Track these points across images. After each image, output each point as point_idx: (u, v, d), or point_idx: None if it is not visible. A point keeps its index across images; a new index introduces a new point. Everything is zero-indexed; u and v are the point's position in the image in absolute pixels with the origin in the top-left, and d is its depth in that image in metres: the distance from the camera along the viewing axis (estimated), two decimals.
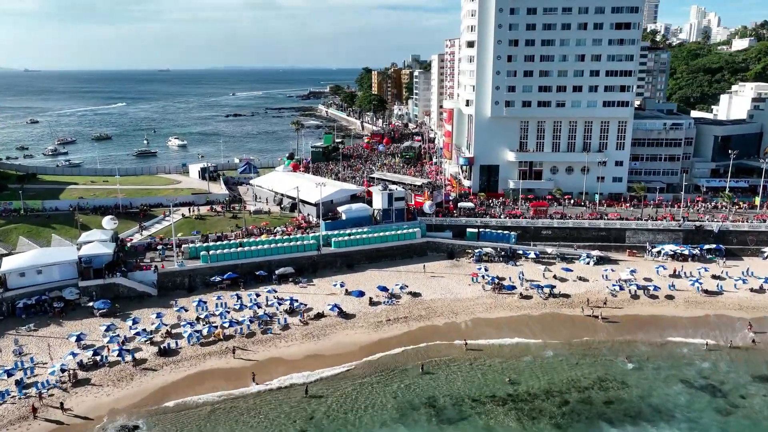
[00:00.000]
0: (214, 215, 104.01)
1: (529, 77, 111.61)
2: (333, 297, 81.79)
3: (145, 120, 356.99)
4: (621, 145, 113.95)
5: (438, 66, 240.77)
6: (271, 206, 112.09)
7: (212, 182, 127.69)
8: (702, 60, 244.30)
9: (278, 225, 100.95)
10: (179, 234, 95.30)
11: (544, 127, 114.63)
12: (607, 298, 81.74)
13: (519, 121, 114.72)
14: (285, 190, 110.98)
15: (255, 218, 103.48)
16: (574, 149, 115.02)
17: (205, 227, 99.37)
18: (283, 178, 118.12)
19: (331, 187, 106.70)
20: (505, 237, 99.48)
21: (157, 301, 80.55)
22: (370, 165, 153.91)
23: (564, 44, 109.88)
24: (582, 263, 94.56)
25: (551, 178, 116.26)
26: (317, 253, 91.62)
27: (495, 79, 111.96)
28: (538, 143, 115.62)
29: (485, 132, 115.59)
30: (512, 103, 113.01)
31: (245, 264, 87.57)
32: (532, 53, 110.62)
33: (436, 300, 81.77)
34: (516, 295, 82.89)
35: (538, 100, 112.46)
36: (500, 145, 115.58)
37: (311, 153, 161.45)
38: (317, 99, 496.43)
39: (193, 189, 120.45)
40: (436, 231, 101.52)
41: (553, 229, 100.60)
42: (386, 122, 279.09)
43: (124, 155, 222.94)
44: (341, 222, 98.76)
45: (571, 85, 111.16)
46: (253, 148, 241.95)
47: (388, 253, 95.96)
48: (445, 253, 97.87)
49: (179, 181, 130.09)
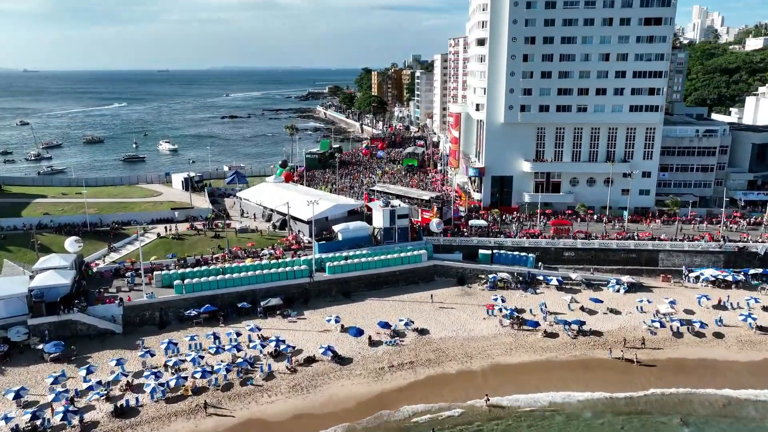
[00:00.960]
0: (194, 234, 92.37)
1: (547, 79, 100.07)
2: (327, 335, 70.28)
3: (137, 122, 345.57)
4: (649, 154, 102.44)
5: (441, 66, 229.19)
6: (260, 222, 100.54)
7: (196, 194, 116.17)
8: (718, 60, 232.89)
9: (266, 245, 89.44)
10: (152, 257, 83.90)
11: (564, 134, 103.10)
12: (645, 336, 70.18)
13: (535, 128, 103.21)
14: (275, 204, 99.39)
15: (240, 238, 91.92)
16: (596, 159, 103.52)
17: (183, 249, 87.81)
18: (274, 190, 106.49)
19: (325, 202, 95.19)
20: (522, 260, 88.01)
21: (122, 341, 69.05)
22: (370, 174, 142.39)
23: (586, 42, 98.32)
24: (611, 291, 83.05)
25: (571, 190, 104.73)
26: (309, 281, 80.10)
27: (509, 80, 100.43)
28: (556, 152, 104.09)
29: (497, 139, 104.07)
30: (528, 108, 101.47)
31: (226, 294, 76.09)
32: (550, 52, 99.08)
33: (446, 339, 70.22)
34: (539, 332, 71.32)
35: (557, 105, 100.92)
36: (514, 154, 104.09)
37: (305, 160, 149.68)
38: (316, 100, 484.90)
39: (173, 203, 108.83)
40: (444, 252, 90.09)
41: (577, 250, 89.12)
42: (386, 125, 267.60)
43: (111, 161, 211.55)
44: (337, 243, 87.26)
45: (594, 88, 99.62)
46: (247, 152, 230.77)
47: (390, 278, 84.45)
48: (455, 279, 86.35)
49: (160, 192, 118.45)
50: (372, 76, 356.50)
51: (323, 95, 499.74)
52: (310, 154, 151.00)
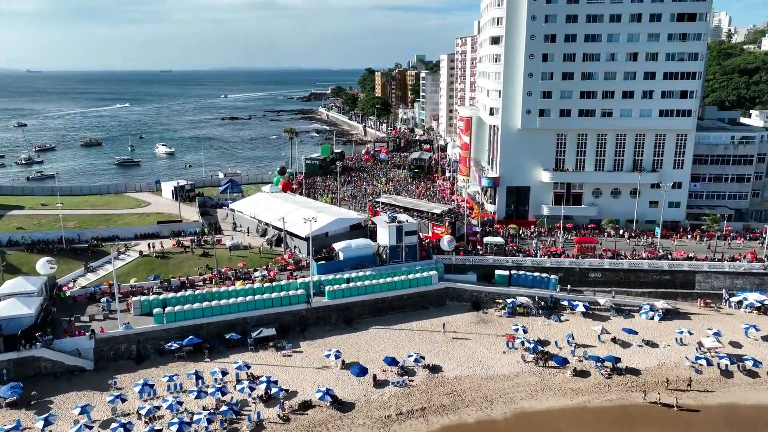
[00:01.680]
0: (181, 252, 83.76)
1: (569, 80, 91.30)
2: (325, 373, 61.66)
3: (136, 123, 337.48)
4: (680, 163, 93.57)
5: (447, 67, 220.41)
6: (254, 237, 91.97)
7: (187, 204, 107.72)
8: (736, 60, 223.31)
9: (260, 265, 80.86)
10: (132, 280, 75.43)
11: (586, 141, 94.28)
12: (690, 376, 61.37)
13: (555, 134, 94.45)
14: (270, 218, 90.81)
15: (231, 256, 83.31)
16: (621, 168, 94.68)
17: (167, 269, 79.26)
18: (270, 201, 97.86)
19: (325, 216, 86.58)
20: (543, 281, 79.30)
21: (92, 379, 60.59)
22: (374, 181, 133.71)
23: (613, 40, 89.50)
24: (644, 318, 74.21)
25: (594, 202, 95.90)
26: (307, 307, 71.46)
27: (526, 82, 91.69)
28: (578, 161, 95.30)
29: (514, 147, 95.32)
30: (547, 112, 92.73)
31: (213, 324, 67.49)
32: (572, 51, 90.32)
33: (462, 378, 61.47)
34: (568, 370, 62.48)
35: (579, 109, 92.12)
36: (532, 162, 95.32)
37: (305, 166, 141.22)
38: (318, 101, 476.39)
39: (161, 215, 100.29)
40: (456, 272, 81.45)
41: (604, 271, 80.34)
42: (391, 127, 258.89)
43: (105, 165, 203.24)
44: (338, 263, 78.61)
45: (620, 90, 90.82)
46: (246, 156, 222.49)
47: (397, 303, 75.77)
48: (469, 303, 77.63)
49: (148, 202, 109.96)
50: (375, 76, 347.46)
51: (325, 96, 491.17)
52: (311, 159, 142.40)
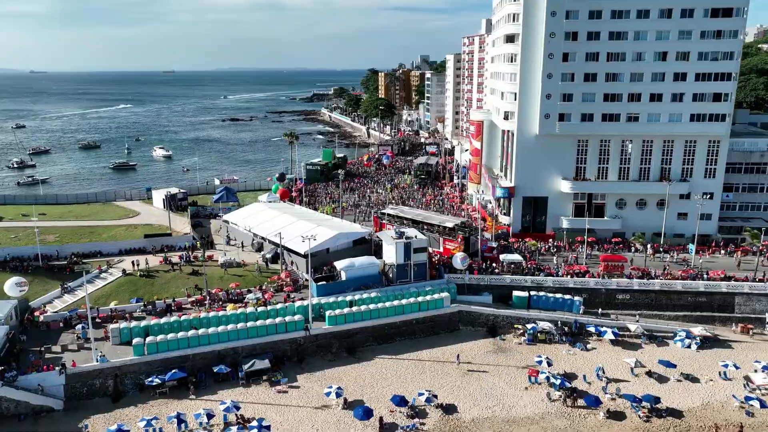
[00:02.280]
0: (168, 270, 76.64)
1: (592, 82, 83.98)
2: (325, 414, 54.46)
3: (135, 125, 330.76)
4: (711, 171, 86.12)
5: (454, 67, 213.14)
6: (248, 252, 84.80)
7: (179, 214, 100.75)
8: (753, 60, 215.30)
9: (254, 284, 73.73)
10: (113, 303, 68.37)
11: (609, 147, 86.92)
12: (740, 418, 54.00)
13: (576, 140, 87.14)
14: (267, 231, 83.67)
15: (223, 275, 76.12)
16: (648, 177, 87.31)
17: (152, 290, 72.18)
18: (266, 213, 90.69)
19: (326, 230, 79.38)
20: (566, 304, 71.95)
21: (61, 421, 53.53)
22: (377, 188, 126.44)
23: (640, 38, 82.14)
24: (679, 345, 66.77)
25: (617, 214, 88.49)
26: (305, 334, 64.27)
27: (545, 84, 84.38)
28: (600, 169, 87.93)
29: (530, 154, 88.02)
30: (568, 117, 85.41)
31: (199, 355, 60.38)
32: (595, 50, 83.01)
33: (480, 420, 54.13)
34: (600, 411, 55.12)
35: (602, 113, 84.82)
36: (550, 171, 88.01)
37: (306, 171, 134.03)
38: (321, 102, 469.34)
39: (150, 226, 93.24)
40: (469, 293, 74.19)
41: (633, 292, 72.95)
42: (395, 129, 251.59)
43: (100, 169, 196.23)
44: (340, 284, 71.38)
45: (647, 93, 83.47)
46: (246, 159, 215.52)
47: (406, 329, 68.51)
48: (484, 328, 70.35)
49: (137, 212, 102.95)
50: (379, 77, 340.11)
51: (328, 97, 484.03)
52: (311, 165, 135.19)
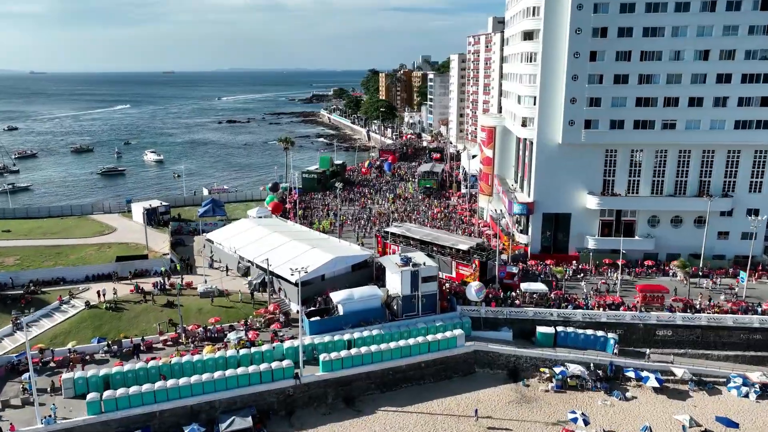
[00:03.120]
0: (140, 301, 66.72)
1: (623, 85, 74.06)
2: None
3: (128, 127, 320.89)
4: (757, 185, 76.23)
5: (458, 68, 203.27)
6: (233, 276, 74.92)
7: (159, 230, 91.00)
8: None
9: (238, 318, 63.86)
10: (71, 343, 58.54)
11: (642, 158, 77.04)
12: None
13: (603, 150, 77.24)
14: (254, 254, 73.72)
15: (203, 306, 66.16)
16: (684, 191, 77.40)
17: (119, 325, 62.33)
18: (254, 231, 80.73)
19: (321, 253, 69.53)
20: (598, 342, 62.06)
21: None
22: (378, 197, 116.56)
23: (678, 34, 72.19)
24: (734, 394, 56.93)
25: (650, 233, 78.58)
26: (295, 383, 54.42)
27: (570, 87, 74.49)
28: (631, 183, 78.05)
29: (552, 165, 78.14)
30: (595, 124, 75.55)
31: (168, 412, 50.53)
32: (627, 48, 73.08)
33: None
34: None
35: (634, 119, 74.85)
36: (574, 184, 78.15)
37: (302, 180, 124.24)
38: (320, 103, 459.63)
39: (126, 246, 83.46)
40: (486, 328, 64.34)
41: (676, 328, 63.07)
42: (396, 132, 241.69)
43: (87, 174, 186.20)
44: (336, 320, 61.43)
45: (686, 97, 73.51)
46: (241, 163, 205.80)
47: (413, 374, 58.66)
48: (505, 371, 60.49)
49: (113, 228, 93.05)
50: (379, 77, 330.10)
51: (328, 97, 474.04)
52: (308, 173, 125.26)
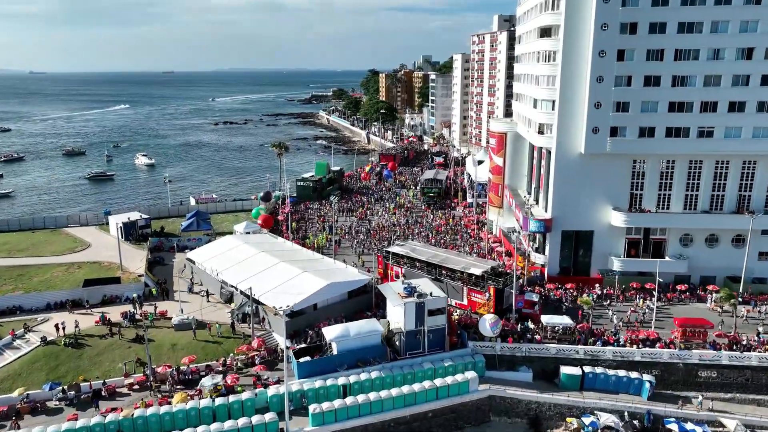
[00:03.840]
0: (106, 335, 58.33)
1: (654, 87, 65.68)
2: None
3: (121, 129, 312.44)
4: None
5: (462, 68, 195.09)
6: (215, 303, 66.58)
7: (137, 246, 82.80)
8: None
9: (217, 356, 55.54)
10: (17, 390, 50.18)
11: (674, 170, 68.66)
12: None
13: (631, 161, 68.88)
14: (238, 278, 65.32)
15: (177, 341, 57.82)
16: (721, 207, 69.07)
17: (79, 366, 54.00)
18: (240, 250, 72.29)
19: (313, 279, 61.19)
20: (632, 384, 53.74)
21: None
22: (380, 209, 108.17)
23: (719, 30, 63.81)
24: None
25: (681, 253, 70.23)
26: None
27: (594, 90, 66.14)
28: (661, 197, 69.70)
29: (573, 178, 69.76)
30: (622, 131, 67.17)
31: None
32: (659, 46, 64.71)
33: None
34: None
35: (667, 126, 66.41)
36: (597, 199, 69.79)
37: (296, 188, 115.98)
38: (319, 104, 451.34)
39: (98, 265, 75.17)
40: (502, 367, 56.06)
41: (721, 368, 54.78)
42: (397, 134, 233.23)
43: (75, 179, 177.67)
44: (330, 360, 52.96)
45: (725, 101, 65.12)
46: (235, 167, 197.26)
47: (418, 425, 50.28)
48: (524, 419, 52.23)
49: (87, 244, 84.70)
50: (379, 78, 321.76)
51: (327, 98, 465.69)
52: (302, 181, 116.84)
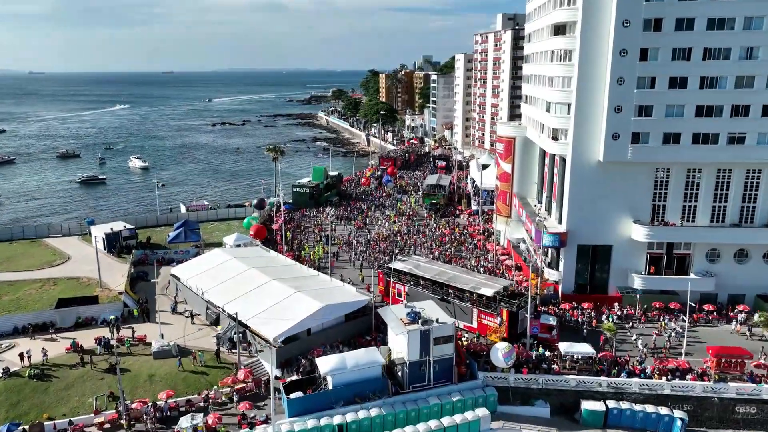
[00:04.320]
0: (76, 364, 52.66)
1: (681, 90, 60.00)
2: None
3: (118, 130, 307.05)
4: None
5: (464, 68, 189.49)
6: (201, 325, 60.95)
7: (120, 259, 77.21)
8: None
9: (198, 389, 49.91)
10: None
11: (700, 180, 62.97)
12: None
13: (653, 170, 63.24)
14: (225, 298, 59.70)
15: (155, 371, 52.16)
16: (751, 219, 63.47)
17: (44, 401, 48.35)
18: (229, 266, 66.57)
19: (306, 300, 55.58)
20: (662, 421, 48.11)
21: None
22: (380, 217, 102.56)
23: (752, 26, 57.99)
24: None
25: (708, 270, 64.58)
26: None
27: (614, 92, 60.49)
28: (686, 208, 64.08)
29: (590, 188, 64.09)
30: (645, 137, 61.47)
31: None
32: (687, 44, 59.04)
33: None
34: None
35: (693, 132, 60.76)
36: (616, 211, 64.12)
37: (293, 194, 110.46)
38: (318, 104, 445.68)
39: (76, 281, 69.53)
40: (516, 400, 50.43)
41: (761, 403, 49.16)
42: (397, 136, 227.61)
43: (65, 183, 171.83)
44: (324, 396, 47.21)
45: (759, 105, 59.34)
46: (231, 170, 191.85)
47: None
48: None
49: (67, 257, 79.07)
50: (379, 78, 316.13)
51: (327, 98, 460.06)
52: (299, 187, 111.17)
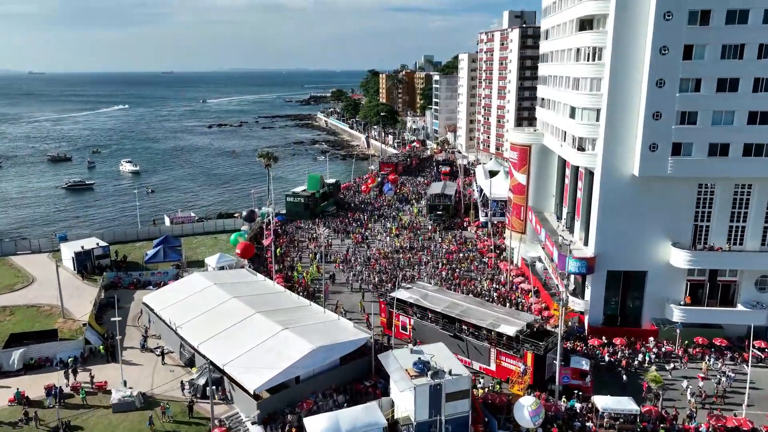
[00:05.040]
0: (20, 420, 44.33)
1: (730, 93, 51.72)
2: None
3: (111, 132, 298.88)
4: None
5: (468, 68, 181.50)
6: (172, 365, 52.67)
7: (90, 281, 69.00)
8: None
9: None
10: None
11: (750, 198, 54.78)
12: None
13: (696, 186, 55.05)
14: (201, 336, 51.34)
15: (114, 428, 43.82)
16: None
17: None
18: (208, 294, 58.15)
19: (296, 340, 47.30)
20: None
21: None
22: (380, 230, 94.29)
23: None
24: None
25: (758, 300, 56.33)
26: None
27: (653, 96, 52.22)
28: (732, 229, 55.86)
29: (622, 206, 55.83)
30: (687, 148, 53.23)
31: None
32: (739, 41, 50.78)
33: None
34: None
35: (745, 143, 52.58)
36: (652, 232, 55.88)
37: (286, 204, 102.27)
38: (318, 105, 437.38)
39: (37, 309, 61.29)
40: None
41: None
42: (398, 138, 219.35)
43: (51, 188, 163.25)
44: None
45: None
46: (224, 174, 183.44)
47: None
48: None
49: (31, 279, 70.82)
50: (380, 79, 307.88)
51: (326, 99, 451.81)
52: (293, 196, 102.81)
